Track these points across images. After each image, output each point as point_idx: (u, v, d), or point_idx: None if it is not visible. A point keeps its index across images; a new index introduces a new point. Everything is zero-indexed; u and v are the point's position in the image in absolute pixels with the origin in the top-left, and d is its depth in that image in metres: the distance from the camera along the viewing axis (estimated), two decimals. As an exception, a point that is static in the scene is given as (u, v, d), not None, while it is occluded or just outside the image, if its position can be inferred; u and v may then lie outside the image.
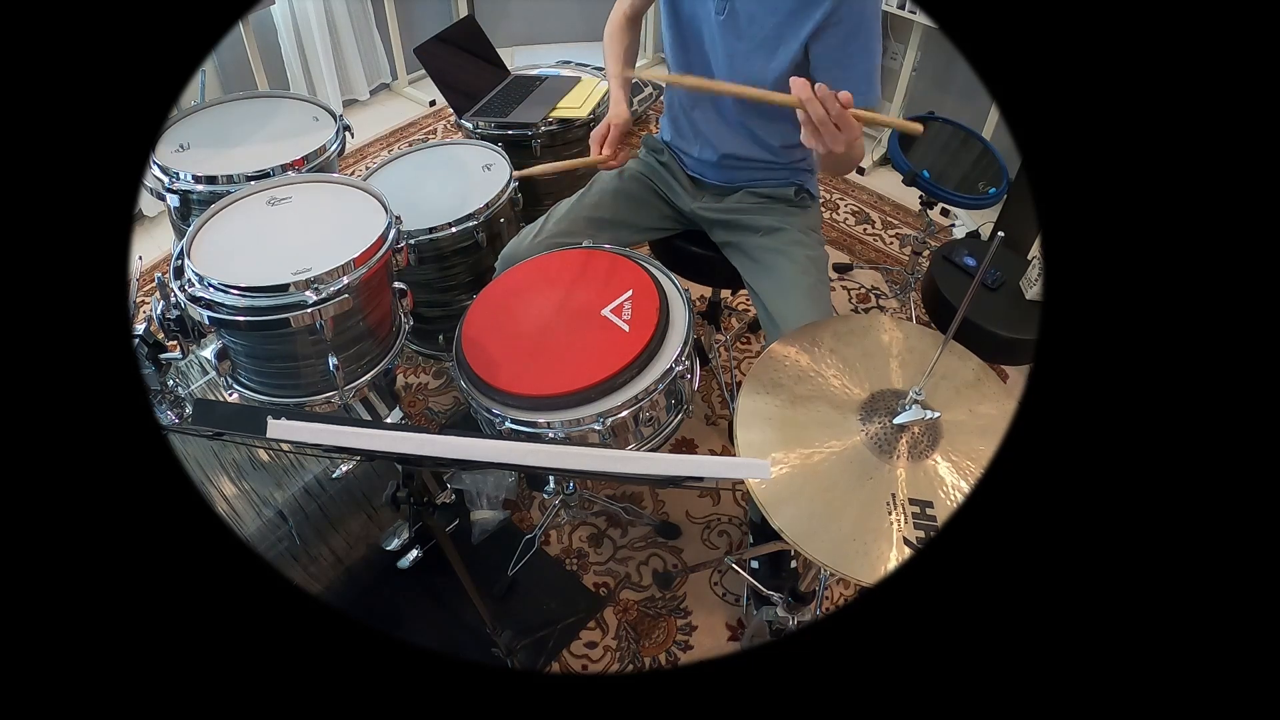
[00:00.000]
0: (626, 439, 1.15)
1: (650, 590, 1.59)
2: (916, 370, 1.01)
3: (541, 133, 1.74)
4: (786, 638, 1.32)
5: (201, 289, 1.09)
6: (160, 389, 1.22)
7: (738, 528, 1.69)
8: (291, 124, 1.49)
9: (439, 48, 1.82)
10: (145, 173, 1.36)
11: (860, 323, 1.29)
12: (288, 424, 0.71)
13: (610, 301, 1.21)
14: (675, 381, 1.15)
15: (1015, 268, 1.65)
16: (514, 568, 1.57)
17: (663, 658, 1.49)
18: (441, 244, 1.55)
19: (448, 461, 0.84)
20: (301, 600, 0.75)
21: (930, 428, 0.93)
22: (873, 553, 0.83)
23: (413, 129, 2.98)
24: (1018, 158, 1.89)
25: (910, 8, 2.44)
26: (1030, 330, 1.50)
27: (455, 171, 1.68)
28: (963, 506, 0.85)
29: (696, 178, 1.49)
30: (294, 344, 1.17)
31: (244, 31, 2.44)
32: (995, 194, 1.85)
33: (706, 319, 1.94)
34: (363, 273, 1.13)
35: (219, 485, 1.22)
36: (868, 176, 2.74)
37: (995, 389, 1.01)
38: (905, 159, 1.86)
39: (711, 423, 1.91)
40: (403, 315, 1.37)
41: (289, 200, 1.25)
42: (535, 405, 1.11)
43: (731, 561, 1.55)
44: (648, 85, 2.86)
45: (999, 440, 0.90)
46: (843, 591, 1.60)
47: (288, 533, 1.25)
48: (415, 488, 0.89)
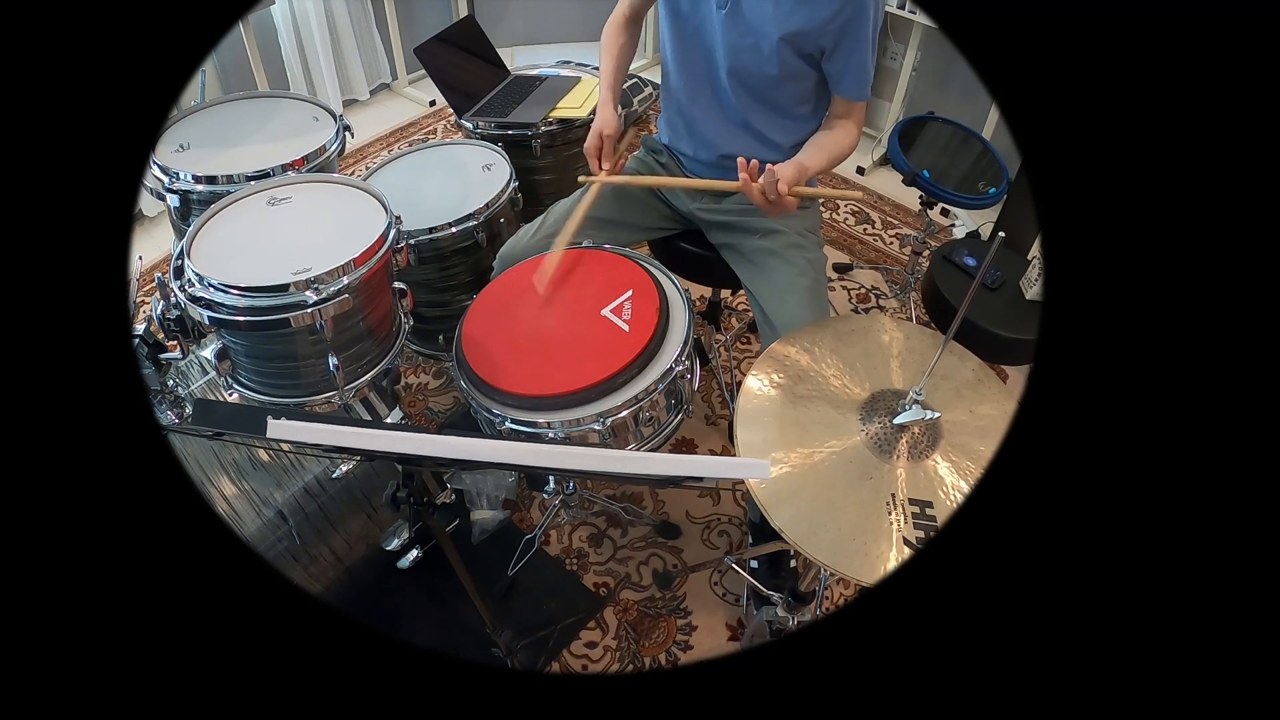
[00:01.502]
0: (626, 439, 1.15)
1: (650, 590, 1.59)
2: (917, 370, 1.01)
3: (541, 133, 1.74)
4: (786, 638, 1.32)
5: (201, 289, 1.09)
6: (160, 389, 1.22)
7: (738, 528, 1.69)
8: (291, 124, 1.49)
9: (439, 48, 1.82)
10: (145, 173, 1.36)
11: (860, 323, 1.29)
12: (288, 424, 0.71)
13: (610, 301, 1.21)
14: (675, 381, 1.15)
15: (1015, 268, 1.65)
16: (514, 568, 1.57)
17: (663, 658, 1.49)
18: (441, 244, 1.55)
19: (448, 461, 0.84)
20: (301, 600, 0.75)
21: (930, 428, 0.93)
22: (872, 552, 0.83)
23: (413, 129, 2.98)
24: (1018, 158, 1.89)
25: (910, 8, 2.44)
26: (1030, 330, 1.50)
27: (455, 171, 1.68)
28: (962, 507, 0.85)
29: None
30: (294, 344, 1.17)
31: (244, 31, 2.44)
32: (995, 194, 1.85)
33: (706, 319, 1.94)
34: (363, 273, 1.13)
35: (219, 485, 1.22)
36: (868, 176, 2.74)
37: (995, 389, 1.01)
38: (905, 159, 1.86)
39: (711, 423, 1.91)
40: (403, 315, 1.37)
41: (289, 200, 1.25)
42: (535, 405, 1.11)
43: (731, 561, 1.54)
44: (648, 85, 2.86)
45: (999, 441, 0.90)
46: (843, 591, 1.60)
47: (288, 533, 1.25)
48: (415, 488, 0.89)
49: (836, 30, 1.19)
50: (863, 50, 1.22)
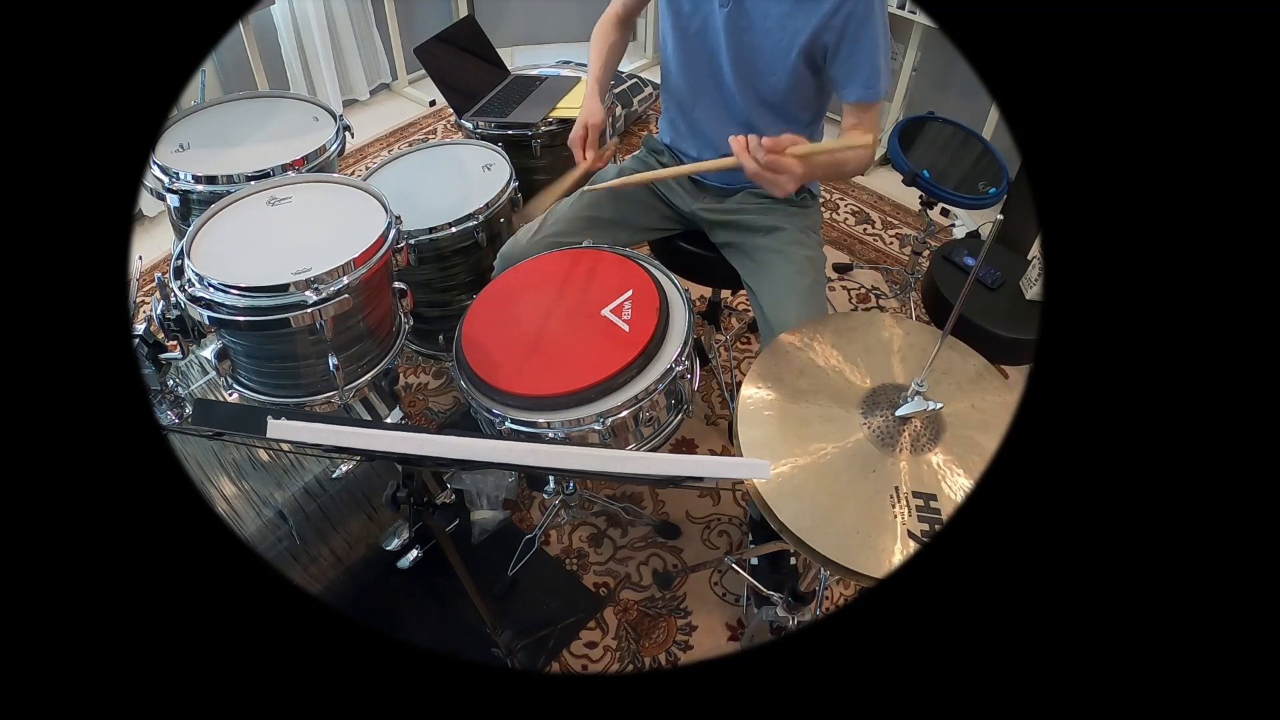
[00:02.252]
0: (626, 439, 1.15)
1: (650, 590, 1.59)
2: (918, 366, 1.01)
3: (541, 133, 1.74)
4: (786, 638, 1.32)
5: (201, 289, 1.09)
6: (160, 389, 1.22)
7: (738, 528, 1.69)
8: (291, 124, 1.49)
9: (439, 48, 1.82)
10: (145, 173, 1.36)
11: (861, 319, 1.29)
12: (288, 424, 0.71)
13: (610, 301, 1.21)
14: (675, 381, 1.15)
15: (1015, 268, 1.65)
16: (514, 568, 1.57)
17: (663, 658, 1.49)
18: (441, 244, 1.55)
19: (448, 461, 0.84)
20: (301, 600, 0.75)
21: (932, 421, 0.93)
22: (877, 546, 0.83)
23: (413, 129, 2.98)
24: (1018, 158, 1.89)
25: (910, 8, 2.44)
26: (1030, 330, 1.50)
27: (455, 171, 1.68)
28: (962, 507, 0.85)
29: (697, 179, 1.49)
30: (294, 344, 1.17)
31: (244, 31, 2.44)
32: (995, 194, 1.85)
33: (706, 319, 1.94)
34: (363, 273, 1.13)
35: (219, 485, 1.22)
36: (868, 176, 2.74)
37: (997, 384, 1.01)
38: (905, 159, 1.86)
39: (711, 423, 1.91)
40: (403, 315, 1.37)
41: (289, 200, 1.25)
42: (535, 405, 1.11)
43: (731, 561, 1.55)
44: (648, 85, 2.86)
45: (1001, 436, 0.90)
46: (843, 591, 1.60)
47: (288, 533, 1.25)
48: (415, 488, 0.89)
49: (839, 25, 1.16)
50: (870, 45, 1.18)
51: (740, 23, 1.23)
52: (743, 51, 1.26)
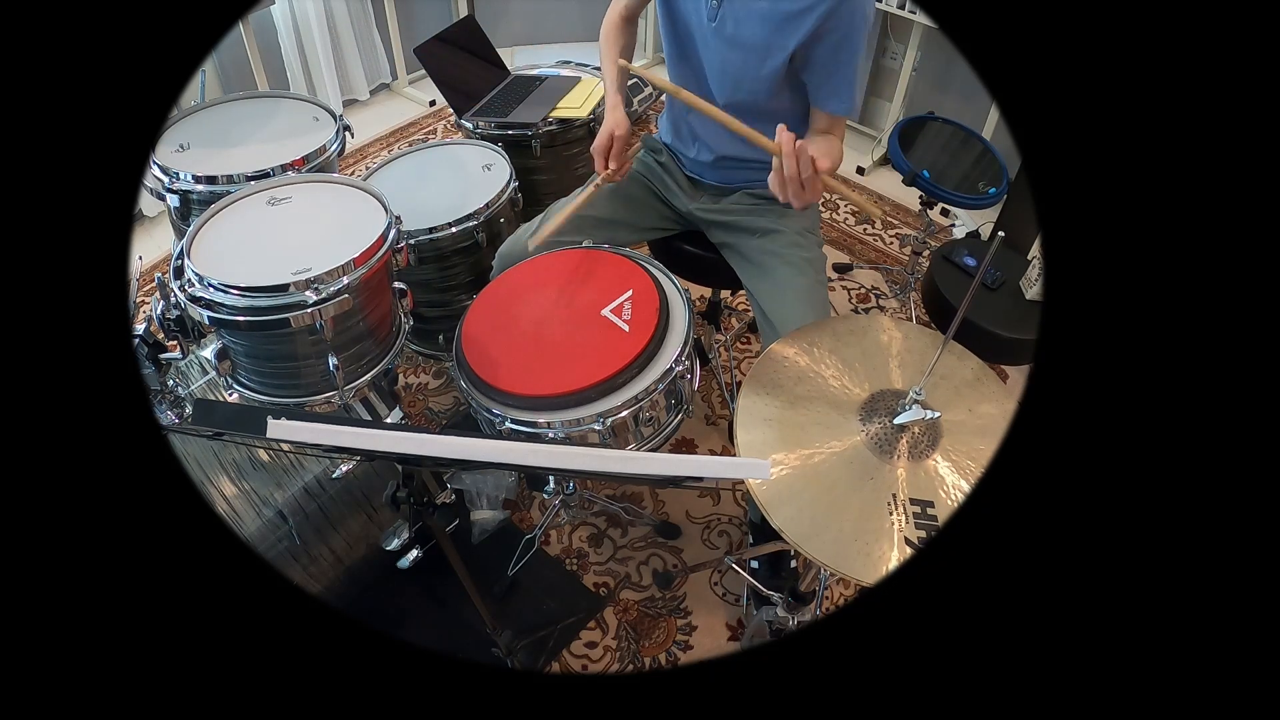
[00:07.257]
0: (626, 439, 1.15)
1: (650, 590, 1.59)
2: (916, 370, 1.01)
3: (541, 133, 1.74)
4: (786, 638, 1.32)
5: (201, 289, 1.09)
6: (160, 389, 1.22)
7: (738, 528, 1.69)
8: (291, 124, 1.49)
9: (439, 48, 1.82)
10: (145, 173, 1.36)
11: (860, 323, 1.28)
12: (288, 424, 0.71)
13: (610, 301, 1.21)
14: (675, 381, 1.15)
15: (1015, 268, 1.65)
16: (514, 568, 1.57)
17: (663, 658, 1.49)
18: (441, 244, 1.55)
19: (448, 461, 0.84)
20: (301, 600, 0.75)
21: (930, 428, 0.93)
22: (874, 553, 0.83)
23: (413, 129, 2.98)
24: (1018, 158, 1.89)
25: (910, 8, 2.44)
26: (1030, 330, 1.50)
27: (455, 171, 1.68)
28: (962, 507, 0.85)
29: (694, 178, 1.49)
30: (294, 344, 1.17)
31: (244, 31, 2.44)
32: (995, 194, 1.85)
33: (706, 319, 1.94)
34: (363, 273, 1.13)
35: (219, 485, 1.22)
36: (868, 176, 2.74)
37: (995, 389, 1.01)
38: (905, 159, 1.86)
39: (711, 423, 1.91)
40: (403, 315, 1.37)
41: (289, 200, 1.25)
42: (535, 405, 1.11)
43: (731, 561, 1.55)
44: (648, 85, 2.86)
45: (999, 440, 0.90)
46: (843, 591, 1.60)
47: (288, 533, 1.25)
48: (415, 488, 0.89)
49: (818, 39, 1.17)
50: (849, 63, 1.19)
51: (725, 37, 1.23)
52: (727, 65, 1.26)
